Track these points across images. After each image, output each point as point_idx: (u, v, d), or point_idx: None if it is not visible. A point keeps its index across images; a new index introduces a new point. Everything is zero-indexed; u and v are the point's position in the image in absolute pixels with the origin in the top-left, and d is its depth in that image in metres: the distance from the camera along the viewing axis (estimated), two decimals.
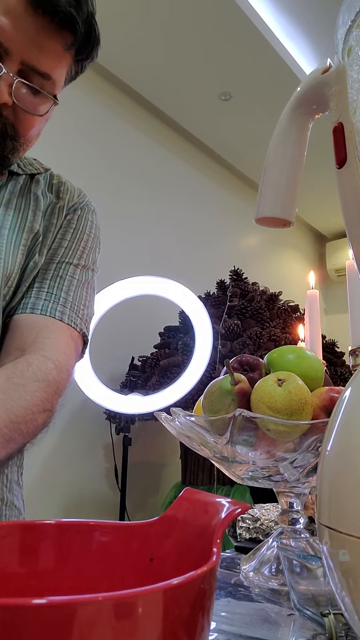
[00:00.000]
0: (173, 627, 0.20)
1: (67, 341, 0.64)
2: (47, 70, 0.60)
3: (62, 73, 0.64)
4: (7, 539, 0.30)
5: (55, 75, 0.62)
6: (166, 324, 2.24)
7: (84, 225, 0.73)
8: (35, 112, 0.62)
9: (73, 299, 0.67)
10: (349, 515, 0.29)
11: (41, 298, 0.64)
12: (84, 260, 0.71)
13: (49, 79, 0.61)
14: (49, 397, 0.58)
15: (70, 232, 0.71)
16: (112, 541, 0.31)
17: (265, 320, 2.01)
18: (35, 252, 0.67)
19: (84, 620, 0.17)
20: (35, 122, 0.64)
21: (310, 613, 0.40)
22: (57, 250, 0.69)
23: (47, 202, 0.71)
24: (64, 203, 0.72)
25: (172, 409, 0.54)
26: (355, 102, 0.35)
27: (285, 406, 0.48)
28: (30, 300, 0.64)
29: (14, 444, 0.54)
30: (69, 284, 0.68)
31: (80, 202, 0.75)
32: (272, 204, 0.44)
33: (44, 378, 0.58)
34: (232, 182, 3.30)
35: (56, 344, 0.62)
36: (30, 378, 0.57)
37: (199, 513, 0.30)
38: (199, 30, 2.21)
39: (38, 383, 0.57)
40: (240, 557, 0.60)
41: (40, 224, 0.68)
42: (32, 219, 0.68)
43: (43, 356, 0.60)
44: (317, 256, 4.20)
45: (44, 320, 0.63)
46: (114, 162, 2.49)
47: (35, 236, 0.67)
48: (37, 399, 0.57)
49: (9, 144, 0.62)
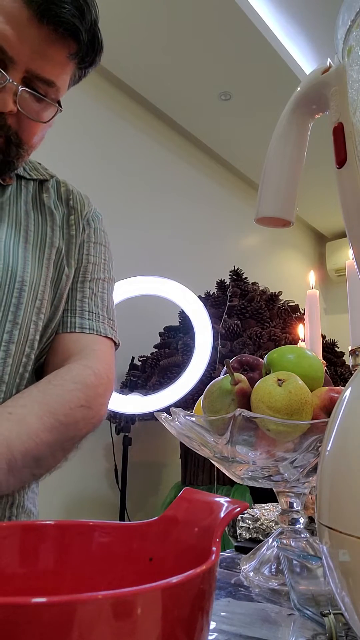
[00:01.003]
0: (172, 626, 0.20)
1: (109, 351, 0.71)
2: (52, 78, 0.61)
3: (66, 80, 0.65)
4: (7, 540, 0.30)
5: (59, 83, 0.63)
6: (166, 324, 2.24)
7: (101, 237, 0.77)
8: (39, 119, 0.63)
9: (108, 312, 0.74)
10: (349, 515, 0.29)
11: (85, 318, 0.70)
12: (107, 273, 0.77)
13: (53, 86, 0.62)
14: (86, 396, 0.62)
15: (92, 247, 0.75)
16: (112, 541, 0.31)
17: (265, 320, 2.01)
18: (64, 265, 0.71)
19: (84, 619, 0.17)
20: (39, 128, 0.65)
21: (310, 613, 0.40)
22: (87, 267, 0.74)
23: (60, 214, 0.73)
24: (78, 214, 0.75)
25: (172, 409, 0.54)
26: (355, 102, 0.35)
27: (285, 406, 0.48)
28: (76, 320, 0.70)
29: (58, 433, 0.58)
30: (102, 300, 0.74)
31: (91, 212, 0.77)
32: (272, 204, 0.44)
33: (82, 381, 0.63)
34: (232, 182, 3.30)
35: (98, 354, 0.68)
36: (69, 380, 0.62)
37: (198, 513, 0.30)
38: (199, 30, 2.21)
39: (76, 384, 0.62)
40: (240, 557, 0.60)
41: (59, 239, 0.71)
42: (52, 235, 0.70)
43: (84, 365, 0.65)
44: (317, 256, 4.20)
45: (91, 338, 0.70)
46: (114, 162, 2.49)
47: (57, 250, 0.70)
48: (73, 396, 0.61)
49: (13, 150, 0.63)
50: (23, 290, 0.64)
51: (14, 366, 0.64)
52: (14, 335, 0.63)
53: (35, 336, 0.66)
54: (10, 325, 0.63)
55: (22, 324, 0.64)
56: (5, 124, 0.60)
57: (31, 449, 0.55)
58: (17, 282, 0.63)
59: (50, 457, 0.59)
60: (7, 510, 0.65)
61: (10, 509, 0.65)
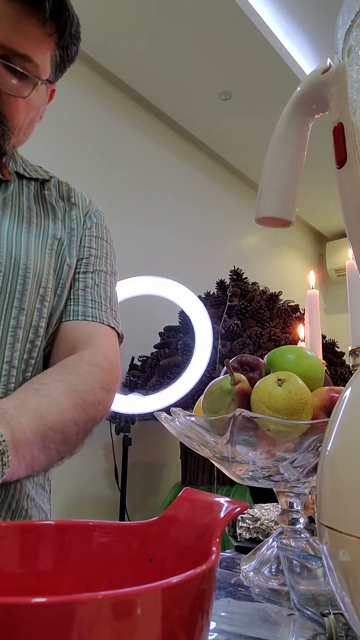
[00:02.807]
0: (172, 626, 0.20)
1: (114, 340, 0.73)
2: (27, 53, 0.62)
3: (45, 58, 0.65)
4: (7, 539, 0.30)
5: (36, 59, 0.63)
6: (166, 324, 2.24)
7: (103, 233, 0.79)
8: (19, 94, 0.64)
9: (110, 303, 0.75)
10: (349, 515, 0.29)
11: (88, 306, 0.72)
12: (110, 267, 0.78)
13: (30, 60, 0.63)
14: (104, 378, 0.64)
15: (94, 241, 0.77)
16: (112, 541, 0.31)
17: (265, 320, 2.01)
18: (65, 255, 0.72)
19: (84, 619, 0.17)
20: (21, 106, 0.65)
21: (310, 613, 0.40)
22: (89, 259, 0.75)
23: (62, 210, 0.75)
24: (79, 210, 0.77)
25: (172, 409, 0.54)
26: (355, 102, 0.35)
27: (285, 406, 0.48)
28: (79, 308, 0.72)
29: (82, 411, 0.60)
30: (105, 291, 0.75)
31: (92, 209, 0.79)
32: (272, 204, 0.44)
33: (97, 364, 0.65)
34: (232, 182, 3.30)
35: (105, 342, 0.70)
36: (85, 363, 0.64)
37: (198, 513, 0.30)
38: (199, 30, 2.21)
39: (92, 367, 0.64)
40: (240, 557, 0.60)
41: (61, 231, 0.73)
42: (54, 227, 0.72)
43: (94, 351, 0.67)
44: (317, 256, 4.20)
45: (95, 325, 0.71)
46: (114, 162, 2.49)
47: (60, 241, 0.72)
48: (92, 378, 0.63)
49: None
50: (27, 278, 0.65)
51: (22, 351, 0.65)
52: (21, 321, 0.65)
53: (39, 322, 0.67)
54: (17, 311, 0.64)
55: (27, 310, 0.65)
56: None
57: (60, 424, 0.57)
58: (21, 270, 0.65)
59: (74, 435, 0.60)
60: (26, 502, 0.66)
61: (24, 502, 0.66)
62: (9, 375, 0.63)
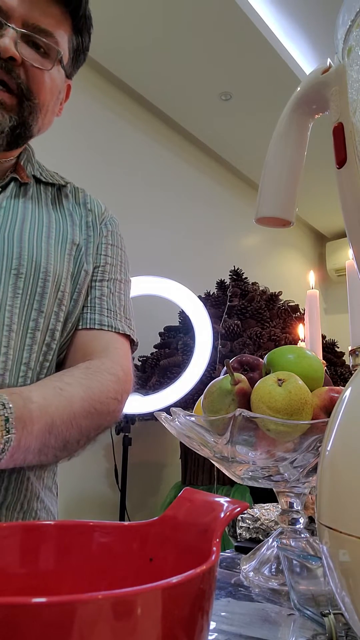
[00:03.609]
0: (172, 626, 0.20)
1: (128, 351, 0.74)
2: (49, 28, 0.65)
3: (63, 36, 0.68)
4: (7, 540, 0.30)
5: (57, 35, 0.66)
6: (166, 324, 2.24)
7: (118, 241, 0.80)
8: (43, 66, 0.65)
9: (125, 312, 0.77)
10: (349, 515, 0.29)
11: (104, 315, 0.73)
12: (124, 275, 0.80)
13: (51, 35, 0.65)
14: (119, 389, 0.66)
15: (109, 249, 0.78)
16: (112, 541, 0.31)
17: (265, 320, 2.01)
18: (83, 261, 0.73)
19: (84, 619, 0.17)
20: (46, 80, 0.66)
21: (310, 613, 0.40)
22: (104, 267, 0.76)
23: (78, 216, 0.77)
24: (95, 216, 0.78)
25: (172, 409, 0.54)
26: (355, 102, 0.35)
27: (285, 406, 0.48)
28: (96, 317, 0.73)
29: (91, 420, 0.61)
30: (119, 299, 0.76)
31: (108, 216, 0.81)
32: (272, 204, 0.44)
33: (115, 374, 0.67)
34: (232, 182, 3.30)
35: (120, 353, 0.71)
36: (105, 371, 0.66)
37: (198, 513, 0.30)
38: (199, 31, 2.21)
39: (111, 376, 0.66)
40: (240, 557, 0.60)
41: (79, 237, 0.74)
42: (72, 232, 0.73)
43: (112, 360, 0.68)
44: (317, 256, 4.20)
45: (110, 335, 0.72)
46: (114, 162, 2.49)
47: (77, 247, 0.73)
48: (109, 387, 0.64)
49: (26, 106, 0.65)
50: (47, 281, 0.66)
51: (38, 353, 0.66)
52: (39, 323, 0.66)
53: (56, 326, 0.68)
54: (36, 314, 0.65)
55: (46, 313, 0.66)
56: (14, 70, 0.62)
57: (66, 432, 0.58)
58: (42, 273, 0.66)
59: (75, 443, 0.61)
60: (36, 503, 0.67)
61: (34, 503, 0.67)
62: (25, 377, 0.64)
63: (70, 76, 0.75)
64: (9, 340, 0.62)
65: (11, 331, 0.62)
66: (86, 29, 0.72)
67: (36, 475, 0.67)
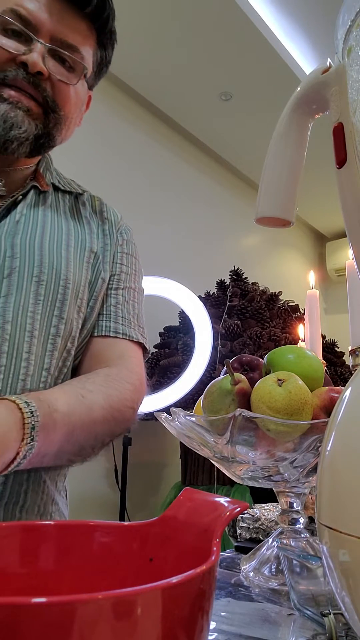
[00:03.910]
0: (172, 626, 0.20)
1: (141, 358, 0.75)
2: (75, 44, 0.67)
3: (89, 51, 0.69)
4: (7, 539, 0.30)
5: (83, 51, 0.68)
6: (166, 324, 2.24)
7: (132, 249, 0.82)
8: (69, 81, 0.67)
9: (138, 320, 0.78)
10: (349, 515, 0.29)
11: (119, 323, 0.74)
12: (138, 283, 0.81)
13: (77, 51, 0.67)
14: (135, 398, 0.67)
15: (125, 258, 0.79)
16: (112, 541, 0.31)
17: (265, 320, 2.01)
18: (100, 269, 0.74)
19: (84, 619, 0.17)
20: (71, 94, 0.68)
21: (310, 613, 0.40)
22: (120, 275, 0.77)
23: (95, 224, 0.78)
24: (111, 225, 0.80)
25: (172, 409, 0.54)
26: (355, 102, 0.35)
27: (285, 406, 0.48)
28: (111, 324, 0.74)
29: (107, 426, 0.62)
30: (133, 308, 0.78)
31: (123, 225, 0.82)
32: (272, 204, 0.44)
33: (133, 383, 0.68)
34: (232, 182, 3.30)
35: (135, 362, 0.72)
36: (123, 379, 0.67)
37: (198, 513, 0.30)
38: (199, 31, 2.21)
39: (129, 384, 0.67)
40: (240, 557, 0.60)
41: (97, 245, 0.75)
42: (90, 240, 0.75)
43: (128, 369, 0.70)
44: (317, 256, 4.20)
45: (125, 343, 0.74)
46: (114, 162, 2.49)
47: (95, 255, 0.75)
48: (127, 396, 0.65)
49: (52, 118, 0.67)
50: (67, 288, 0.68)
51: (58, 359, 0.67)
52: (60, 330, 0.67)
53: (76, 332, 0.70)
54: (57, 320, 0.67)
55: (67, 320, 0.68)
56: (40, 85, 0.64)
57: (83, 439, 0.60)
58: (62, 280, 0.68)
59: (90, 449, 0.63)
60: (51, 506, 0.68)
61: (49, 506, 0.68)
62: (45, 382, 0.65)
63: (91, 87, 0.77)
64: (31, 346, 0.63)
65: (33, 337, 0.63)
66: (110, 43, 0.74)
67: (50, 478, 0.68)
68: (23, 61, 0.62)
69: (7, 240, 0.65)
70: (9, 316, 0.62)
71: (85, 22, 0.67)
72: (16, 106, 0.63)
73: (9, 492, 0.61)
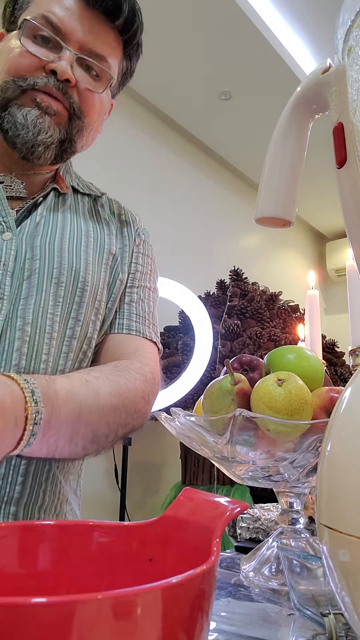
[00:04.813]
0: (172, 626, 0.20)
1: (156, 355, 0.75)
2: (103, 53, 0.68)
3: (115, 61, 0.71)
4: (6, 539, 0.30)
5: (110, 60, 0.69)
6: (166, 324, 2.24)
7: (149, 250, 0.82)
8: (95, 89, 0.69)
9: (152, 318, 0.78)
10: (349, 515, 0.29)
11: (133, 320, 0.74)
12: (153, 283, 0.81)
13: (105, 60, 0.69)
14: (146, 389, 0.66)
15: (141, 258, 0.80)
16: (112, 541, 0.31)
17: (265, 320, 2.01)
18: (118, 271, 0.75)
19: (83, 619, 0.17)
20: (96, 102, 0.70)
21: (310, 613, 0.40)
22: (135, 274, 0.78)
23: (115, 226, 0.79)
24: (130, 227, 0.80)
25: (172, 409, 0.54)
26: (355, 102, 0.35)
27: (285, 406, 0.48)
28: (124, 322, 0.74)
29: (119, 416, 0.61)
30: (148, 306, 0.78)
31: (141, 227, 0.83)
32: (272, 204, 0.44)
33: (143, 374, 0.67)
34: (232, 182, 3.30)
35: (150, 357, 0.72)
36: (133, 370, 0.66)
37: (198, 513, 0.30)
38: (199, 31, 2.21)
39: (139, 375, 0.66)
40: (240, 557, 0.60)
41: (115, 247, 0.76)
42: (109, 242, 0.75)
43: (141, 362, 0.69)
44: (317, 256, 4.20)
45: (139, 340, 0.74)
46: (113, 162, 2.49)
47: (114, 257, 0.75)
48: (137, 385, 0.64)
49: (75, 124, 0.68)
50: (85, 290, 0.68)
51: (74, 361, 0.67)
52: (76, 332, 0.67)
53: (93, 334, 0.70)
54: (73, 322, 0.67)
55: (83, 322, 0.68)
56: (67, 92, 0.66)
57: (94, 424, 0.58)
58: (80, 282, 0.68)
59: (104, 437, 0.61)
60: (65, 505, 0.68)
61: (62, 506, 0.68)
62: None
63: (114, 96, 0.79)
64: (50, 348, 0.63)
65: (52, 339, 0.64)
66: (136, 55, 0.76)
67: (64, 477, 0.68)
68: (52, 69, 0.64)
69: (27, 242, 0.66)
70: (29, 318, 0.63)
71: (115, 33, 0.69)
72: (45, 112, 0.64)
73: (28, 492, 0.62)
